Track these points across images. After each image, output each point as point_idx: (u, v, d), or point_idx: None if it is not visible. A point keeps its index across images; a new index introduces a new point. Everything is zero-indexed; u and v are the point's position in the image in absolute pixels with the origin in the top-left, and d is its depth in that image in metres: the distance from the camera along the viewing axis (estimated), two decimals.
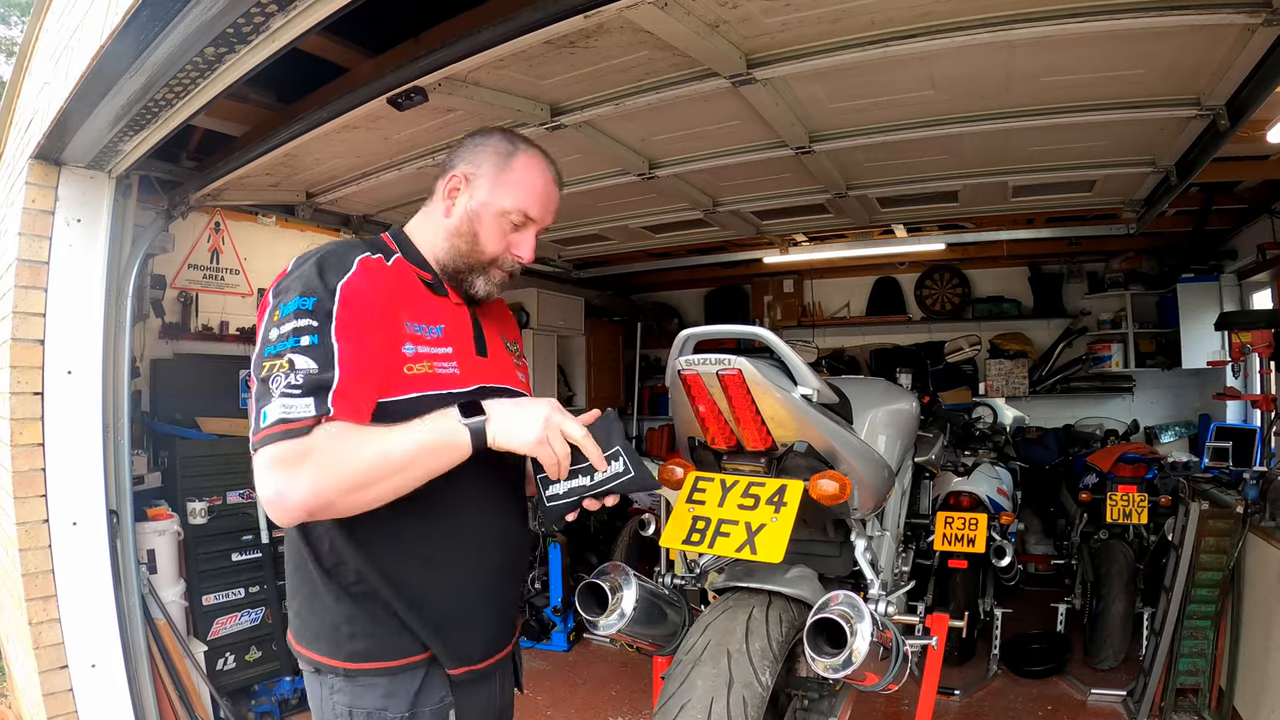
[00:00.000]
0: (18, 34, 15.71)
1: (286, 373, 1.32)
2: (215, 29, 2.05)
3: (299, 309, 1.37)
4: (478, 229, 1.61)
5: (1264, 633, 3.36)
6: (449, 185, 1.63)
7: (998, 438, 5.89)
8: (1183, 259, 6.23)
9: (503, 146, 1.64)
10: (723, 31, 2.50)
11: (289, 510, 1.29)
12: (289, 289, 1.40)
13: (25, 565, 3.15)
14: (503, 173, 1.62)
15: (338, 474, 1.30)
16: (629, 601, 1.88)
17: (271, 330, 1.37)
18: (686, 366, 1.98)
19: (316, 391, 1.31)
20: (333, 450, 1.30)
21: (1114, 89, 2.96)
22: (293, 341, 1.34)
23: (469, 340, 1.63)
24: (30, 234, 3.21)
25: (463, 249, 1.62)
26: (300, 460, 1.28)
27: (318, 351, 1.34)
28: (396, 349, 1.46)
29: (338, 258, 1.46)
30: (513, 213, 1.62)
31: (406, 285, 1.55)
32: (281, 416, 1.29)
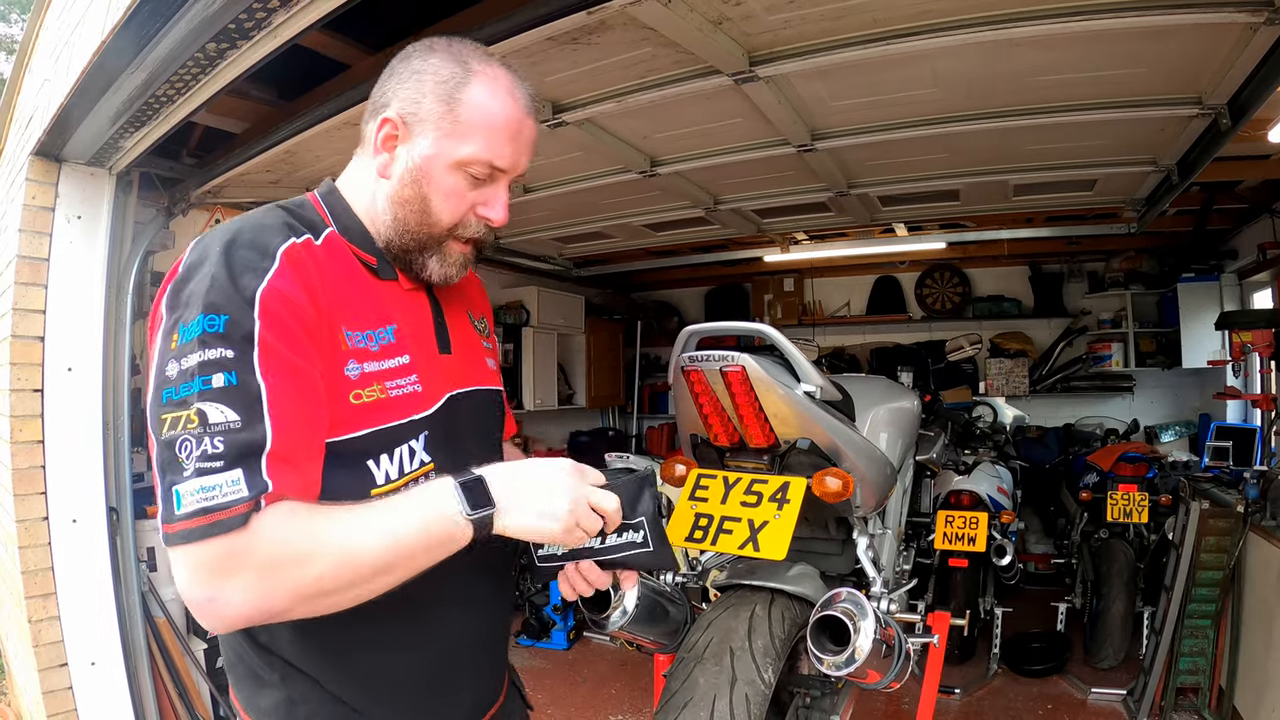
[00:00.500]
0: (18, 31, 15.70)
1: (197, 433, 0.95)
2: (216, 25, 2.04)
3: (205, 333, 0.98)
4: (427, 192, 1.17)
5: (1264, 632, 3.36)
6: (381, 134, 1.19)
7: (998, 437, 5.89)
8: (1183, 258, 6.23)
9: (447, 71, 1.16)
10: (725, 29, 2.50)
11: (226, 622, 0.99)
12: (189, 300, 1.00)
13: (25, 563, 3.14)
14: (453, 108, 1.15)
15: (291, 582, 0.97)
16: (631, 599, 1.88)
17: (169, 364, 0.98)
18: (690, 363, 1.98)
19: (244, 459, 0.95)
20: (282, 550, 0.96)
21: (1115, 88, 2.96)
22: (200, 384, 0.96)
23: (429, 337, 1.26)
24: (30, 230, 3.20)
25: (410, 222, 1.19)
26: (237, 567, 0.94)
27: (237, 396, 0.97)
28: (338, 373, 1.09)
29: (253, 246, 1.05)
30: (473, 163, 1.17)
31: (343, 277, 1.15)
32: (201, 506, 0.93)
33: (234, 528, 0.94)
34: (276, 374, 1.00)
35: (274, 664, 1.16)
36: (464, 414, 1.26)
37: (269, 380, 0.99)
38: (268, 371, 0.99)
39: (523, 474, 1.11)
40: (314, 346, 1.05)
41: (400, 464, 1.15)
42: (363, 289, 1.17)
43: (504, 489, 1.07)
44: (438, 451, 1.19)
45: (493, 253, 5.98)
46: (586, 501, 1.11)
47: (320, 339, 1.07)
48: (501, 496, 1.06)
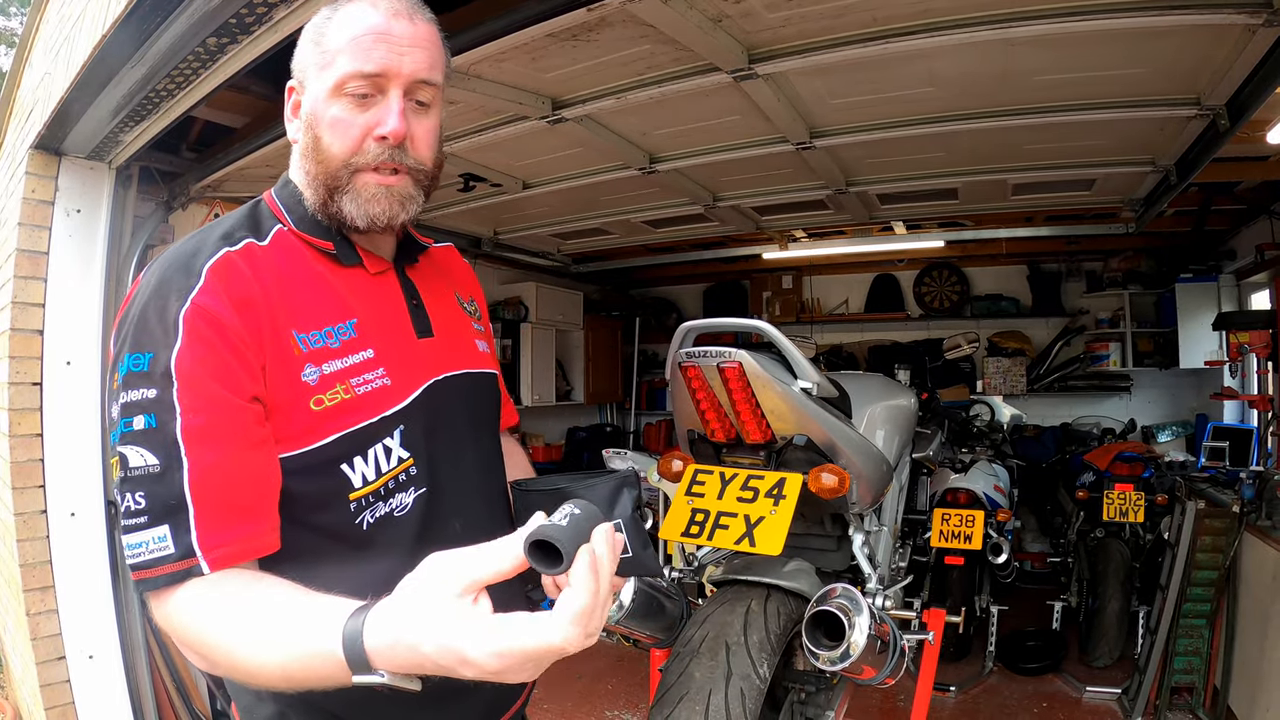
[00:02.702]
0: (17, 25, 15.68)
1: (122, 483, 0.93)
2: (217, 19, 2.05)
3: (130, 372, 0.94)
4: (318, 132, 1.10)
5: (1259, 632, 3.37)
6: (290, 104, 1.16)
7: (995, 435, 5.90)
8: (1181, 259, 6.24)
9: (318, 18, 1.13)
10: (725, 26, 2.50)
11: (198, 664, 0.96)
12: (124, 336, 0.98)
13: (23, 556, 3.15)
14: (320, 43, 1.10)
15: (201, 662, 0.93)
16: (627, 593, 1.88)
17: (112, 406, 0.96)
18: (687, 359, 1.99)
19: (169, 514, 0.91)
20: (186, 629, 0.92)
21: (1114, 88, 2.97)
22: (123, 426, 0.93)
23: (403, 323, 1.19)
24: (30, 224, 3.20)
25: (313, 169, 1.12)
26: (167, 626, 0.94)
27: (155, 440, 0.92)
28: (293, 380, 1.02)
29: (180, 267, 1.00)
30: (345, 81, 1.07)
31: (293, 276, 1.09)
32: (137, 561, 0.92)
33: (159, 587, 0.91)
34: (198, 410, 0.94)
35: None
36: (450, 400, 1.19)
37: (188, 419, 0.93)
38: (188, 409, 0.93)
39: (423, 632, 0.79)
40: (245, 368, 0.98)
41: (376, 464, 1.08)
42: (318, 285, 1.11)
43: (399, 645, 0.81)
44: (417, 445, 1.13)
45: (491, 248, 5.98)
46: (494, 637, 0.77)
47: (255, 356, 1.00)
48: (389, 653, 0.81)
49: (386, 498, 1.09)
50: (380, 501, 1.09)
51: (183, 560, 0.91)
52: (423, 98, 1.13)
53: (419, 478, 1.12)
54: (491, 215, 5.25)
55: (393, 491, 1.10)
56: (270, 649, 0.88)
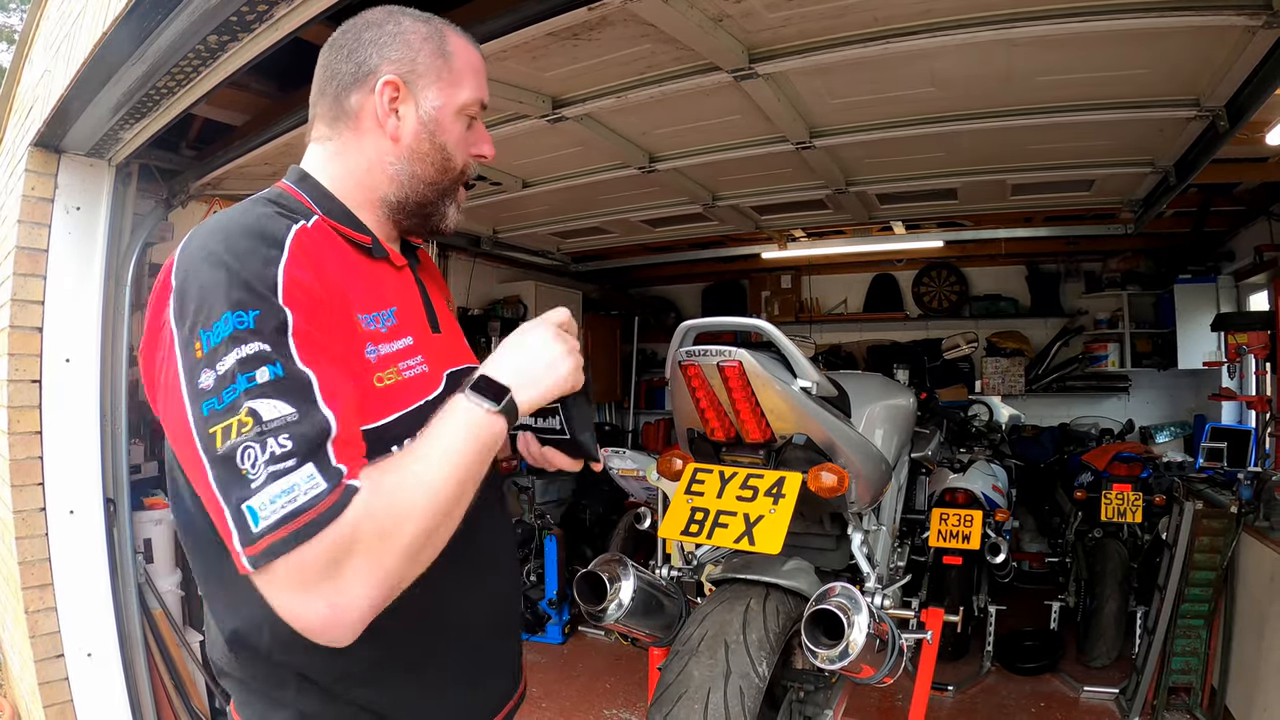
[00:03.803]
0: (17, 21, 15.66)
1: (256, 436, 0.88)
2: (218, 17, 2.05)
3: (236, 330, 0.92)
4: (443, 140, 1.21)
5: (1257, 632, 3.38)
6: (387, 98, 1.17)
7: (994, 435, 5.91)
8: (1180, 260, 6.25)
9: (423, 28, 1.21)
10: (726, 26, 2.51)
11: (356, 626, 0.92)
12: (205, 303, 0.94)
13: (22, 553, 3.15)
14: (446, 61, 1.20)
15: (398, 547, 0.93)
16: (627, 592, 1.89)
17: (201, 374, 0.91)
18: (687, 358, 1.99)
19: (314, 452, 0.90)
20: (380, 522, 0.92)
21: (1114, 89, 2.97)
22: (244, 382, 0.90)
23: (423, 317, 1.25)
24: (29, 221, 3.20)
25: (429, 174, 1.21)
26: (346, 560, 0.90)
27: (286, 386, 0.91)
28: (360, 355, 1.06)
29: (259, 236, 1.01)
30: (471, 105, 1.23)
31: (342, 260, 1.13)
32: (286, 512, 0.87)
33: (327, 523, 0.88)
34: (316, 360, 0.95)
35: (287, 680, 1.09)
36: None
37: (313, 368, 0.94)
38: (308, 359, 0.94)
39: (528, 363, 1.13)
40: (336, 331, 1.02)
41: None
42: (363, 271, 1.16)
43: (520, 381, 1.09)
44: None
45: (490, 247, 5.99)
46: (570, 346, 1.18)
47: (339, 323, 1.03)
48: (519, 387, 1.08)
49: None
50: None
51: (335, 489, 0.90)
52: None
53: None
54: (491, 214, 5.25)
55: None
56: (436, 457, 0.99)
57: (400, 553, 0.94)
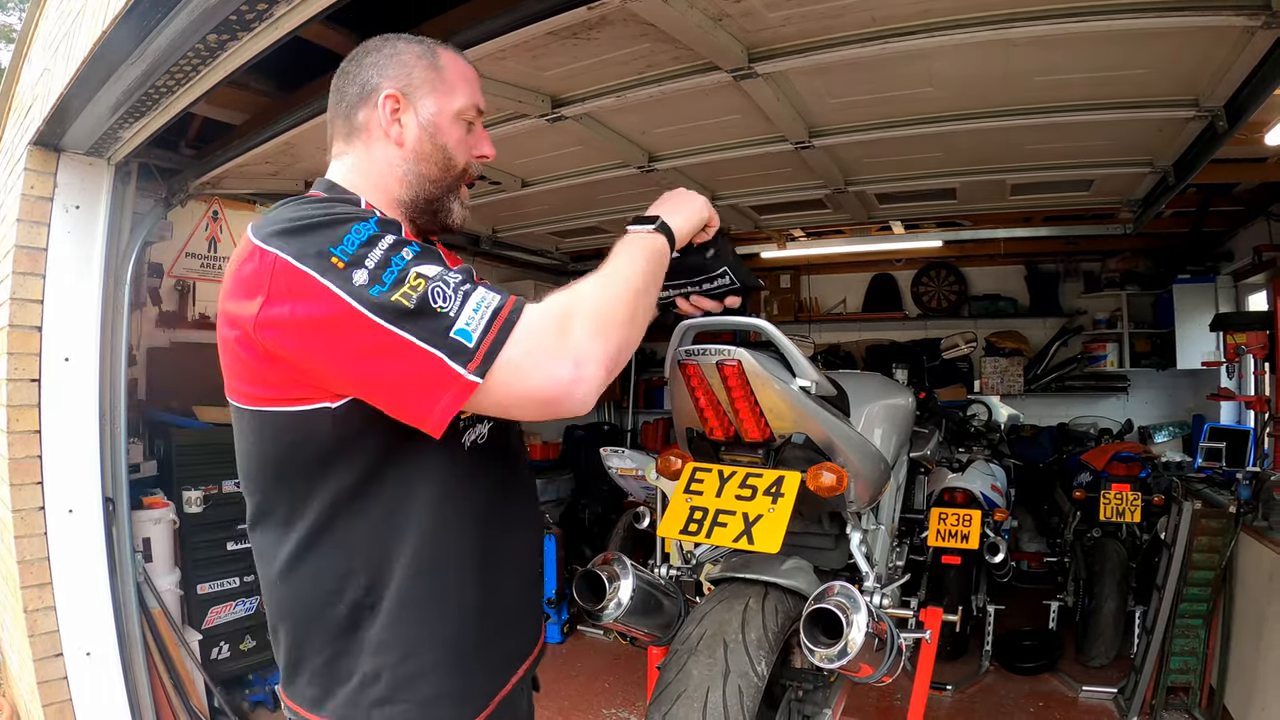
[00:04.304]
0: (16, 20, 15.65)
1: (435, 281, 1.06)
2: (218, 16, 2.05)
3: (370, 235, 1.09)
4: (443, 142, 1.38)
5: (1255, 632, 3.38)
6: (388, 109, 1.35)
7: (992, 435, 5.90)
8: (1179, 260, 6.25)
9: (416, 48, 1.40)
10: (725, 25, 2.50)
11: (596, 378, 1.09)
12: (320, 231, 1.10)
13: (21, 552, 3.15)
14: (439, 73, 1.39)
15: (611, 310, 1.14)
16: (626, 591, 1.89)
17: (354, 274, 1.05)
18: (686, 357, 1.99)
19: (480, 281, 1.11)
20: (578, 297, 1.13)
21: (1113, 89, 2.97)
22: (399, 261, 1.07)
23: None
24: (29, 220, 3.20)
25: (433, 173, 1.39)
26: (567, 321, 1.09)
27: (429, 256, 1.11)
28: None
29: (327, 199, 1.29)
30: (466, 109, 1.41)
31: None
32: (491, 311, 1.05)
33: (524, 306, 1.08)
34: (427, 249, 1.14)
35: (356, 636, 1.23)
36: None
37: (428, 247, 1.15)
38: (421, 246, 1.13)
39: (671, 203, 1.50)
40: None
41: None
42: None
43: (666, 212, 1.45)
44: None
45: (489, 246, 5.99)
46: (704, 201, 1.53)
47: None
48: (666, 215, 1.44)
49: (473, 424, 1.30)
50: (469, 428, 1.29)
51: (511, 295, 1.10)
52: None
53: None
54: (490, 213, 5.25)
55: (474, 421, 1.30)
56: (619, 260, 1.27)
57: (614, 321, 1.13)
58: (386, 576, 1.22)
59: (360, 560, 1.22)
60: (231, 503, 4.19)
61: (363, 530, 1.22)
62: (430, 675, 1.24)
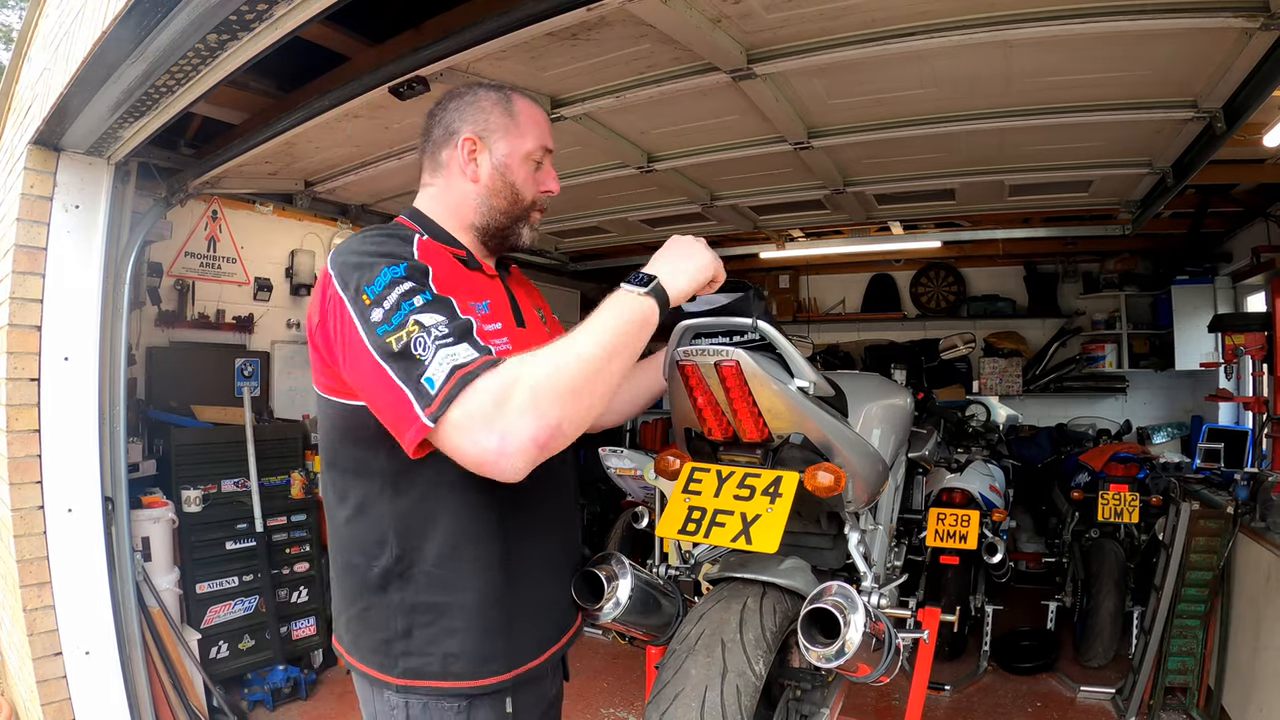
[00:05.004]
0: (15, 19, 15.63)
1: (423, 332, 1.21)
2: (218, 16, 2.05)
3: (393, 278, 1.27)
4: (513, 179, 1.59)
5: (1253, 632, 3.39)
6: (466, 151, 1.57)
7: (991, 435, 5.92)
8: (1178, 261, 6.25)
9: (494, 96, 1.61)
10: (724, 26, 2.51)
11: (525, 456, 1.17)
12: (365, 271, 1.30)
13: (20, 551, 3.15)
14: (512, 119, 1.60)
15: (553, 386, 1.19)
16: (624, 590, 1.89)
17: (373, 312, 1.25)
18: (684, 357, 1.99)
19: (466, 336, 1.23)
20: (531, 369, 1.19)
21: (1111, 90, 2.98)
22: (408, 306, 1.24)
23: (509, 314, 1.59)
24: (28, 219, 3.20)
25: (503, 206, 1.60)
26: (506, 393, 1.16)
27: (437, 306, 1.26)
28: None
29: (390, 236, 1.41)
30: (535, 151, 1.62)
31: (451, 264, 1.49)
32: (452, 366, 1.18)
33: (484, 371, 1.18)
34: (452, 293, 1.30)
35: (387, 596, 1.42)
36: None
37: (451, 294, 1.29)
38: (445, 292, 1.29)
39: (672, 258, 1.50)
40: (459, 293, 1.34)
41: None
42: (462, 274, 1.51)
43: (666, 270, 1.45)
44: None
45: None
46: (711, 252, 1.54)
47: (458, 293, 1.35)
48: (665, 274, 1.44)
49: None
50: None
51: (485, 354, 1.22)
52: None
53: None
54: None
55: None
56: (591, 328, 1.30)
57: (554, 392, 1.19)
58: (418, 551, 1.40)
59: (394, 534, 1.41)
60: (230, 502, 4.19)
61: (400, 509, 1.41)
62: (455, 637, 1.41)
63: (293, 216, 4.92)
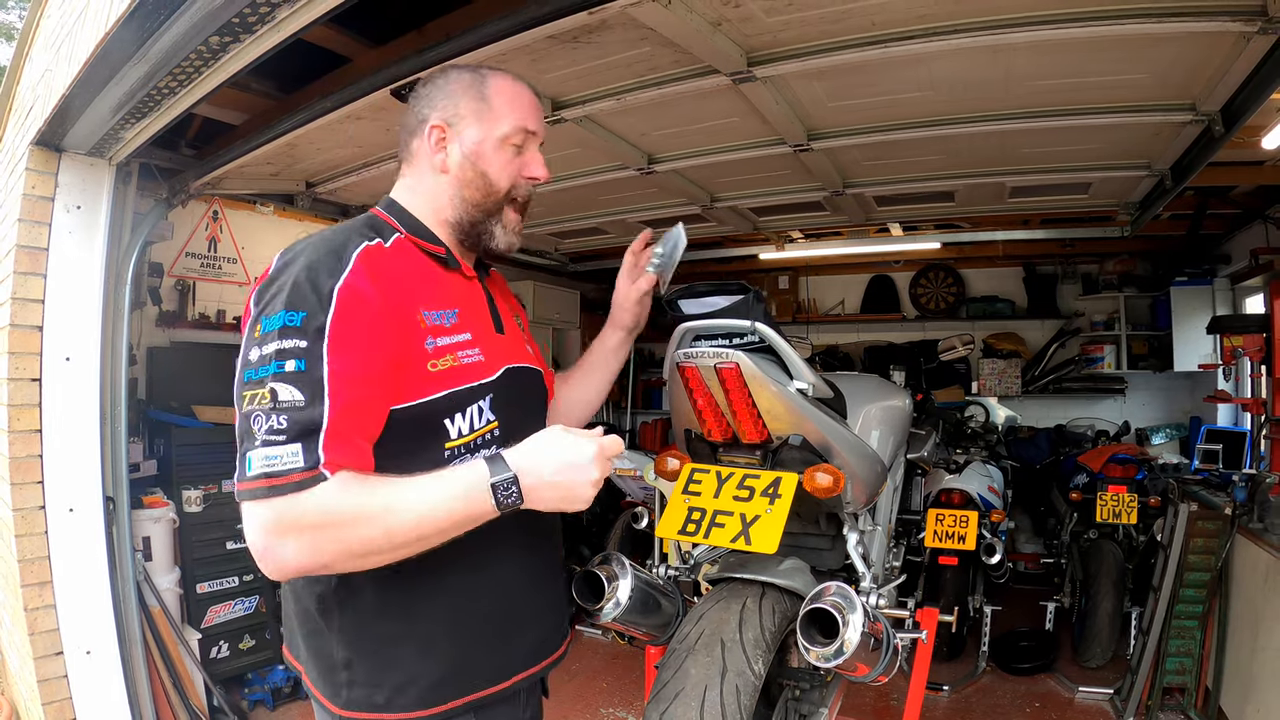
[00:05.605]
0: (16, 18, 15.63)
1: (268, 409, 1.14)
2: (220, 18, 2.06)
3: (285, 326, 1.18)
4: (485, 168, 1.46)
5: (1250, 633, 3.40)
6: (433, 139, 1.47)
7: (990, 436, 5.93)
8: (1176, 262, 6.27)
9: (465, 78, 1.48)
10: (724, 30, 2.52)
11: (282, 572, 1.16)
12: (274, 298, 1.21)
13: (21, 551, 3.16)
14: (483, 101, 1.46)
15: (336, 542, 1.15)
16: (625, 590, 1.90)
17: (252, 349, 1.19)
18: (685, 359, 2.00)
19: (304, 436, 1.14)
20: (330, 519, 1.14)
21: (1110, 93, 2.99)
22: (275, 367, 1.16)
23: (486, 319, 1.49)
24: (30, 220, 3.21)
25: (475, 197, 1.47)
26: (291, 526, 1.13)
27: (304, 380, 1.16)
28: (418, 347, 1.30)
29: (331, 253, 1.27)
30: (513, 134, 1.47)
31: (415, 268, 1.39)
32: (264, 470, 1.13)
33: (289, 492, 1.12)
34: (344, 359, 1.19)
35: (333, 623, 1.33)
36: (520, 383, 1.49)
37: (335, 366, 1.18)
38: (334, 359, 1.18)
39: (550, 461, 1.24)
40: (383, 332, 1.25)
41: (470, 421, 1.36)
42: (433, 278, 1.42)
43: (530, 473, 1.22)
44: (501, 412, 1.41)
45: None
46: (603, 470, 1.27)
47: (396, 325, 1.27)
48: (530, 492, 1.23)
49: (473, 451, 1.37)
50: (468, 454, 1.36)
51: (309, 471, 1.13)
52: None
53: (499, 439, 1.40)
54: None
55: (479, 447, 1.38)
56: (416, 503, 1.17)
57: (334, 548, 1.15)
58: (358, 578, 1.28)
59: None
60: (231, 502, 4.17)
61: None
62: (402, 667, 1.33)
63: (294, 217, 4.93)
